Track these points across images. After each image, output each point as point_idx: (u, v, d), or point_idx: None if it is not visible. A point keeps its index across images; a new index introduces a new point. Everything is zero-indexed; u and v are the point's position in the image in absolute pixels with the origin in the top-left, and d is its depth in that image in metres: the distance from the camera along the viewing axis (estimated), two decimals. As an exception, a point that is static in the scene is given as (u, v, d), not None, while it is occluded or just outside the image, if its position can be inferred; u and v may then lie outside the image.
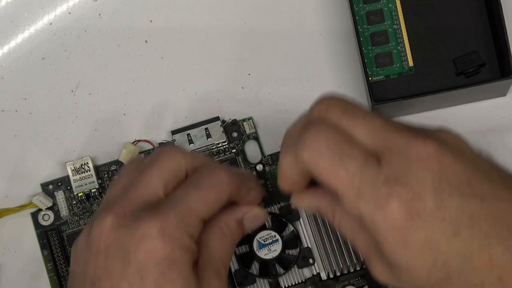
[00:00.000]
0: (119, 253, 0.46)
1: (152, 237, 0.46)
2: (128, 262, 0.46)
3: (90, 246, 0.47)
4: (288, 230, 0.56)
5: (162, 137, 0.61)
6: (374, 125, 0.45)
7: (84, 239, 0.49)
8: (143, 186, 0.48)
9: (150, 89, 0.62)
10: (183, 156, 0.50)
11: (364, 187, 0.43)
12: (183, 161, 0.49)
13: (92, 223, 0.48)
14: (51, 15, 0.63)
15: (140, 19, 0.63)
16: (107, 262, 0.46)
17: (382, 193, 0.43)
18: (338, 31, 0.62)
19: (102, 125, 0.62)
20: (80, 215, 0.60)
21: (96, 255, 0.47)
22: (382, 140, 0.45)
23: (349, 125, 0.45)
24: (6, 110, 0.62)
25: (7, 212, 0.60)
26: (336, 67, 0.62)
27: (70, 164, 0.60)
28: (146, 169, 0.49)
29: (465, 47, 0.60)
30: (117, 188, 0.50)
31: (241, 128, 0.61)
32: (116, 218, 0.47)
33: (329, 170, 0.44)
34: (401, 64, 0.60)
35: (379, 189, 0.43)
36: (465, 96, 0.60)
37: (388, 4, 0.60)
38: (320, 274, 0.56)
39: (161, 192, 0.48)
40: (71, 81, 0.63)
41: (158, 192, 0.48)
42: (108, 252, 0.47)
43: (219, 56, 0.62)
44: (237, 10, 0.63)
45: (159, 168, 0.49)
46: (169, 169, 0.49)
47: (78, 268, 0.48)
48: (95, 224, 0.48)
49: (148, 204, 0.48)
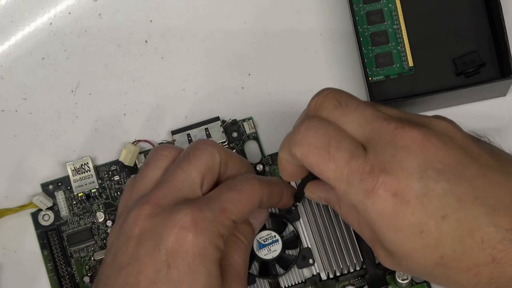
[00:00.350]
0: (150, 239, 0.47)
1: (185, 227, 0.47)
2: (158, 248, 0.47)
3: (123, 234, 0.49)
4: (288, 231, 0.56)
5: (162, 137, 0.61)
6: (364, 116, 0.47)
7: (116, 229, 0.50)
8: (181, 181, 0.49)
9: (150, 89, 0.62)
10: (217, 151, 0.51)
11: (352, 178, 0.45)
12: (217, 156, 0.51)
13: (127, 213, 0.49)
14: (51, 15, 0.63)
15: (140, 19, 0.63)
16: (138, 248, 0.47)
17: (369, 182, 0.44)
18: (338, 31, 0.62)
19: (102, 125, 0.62)
20: (80, 215, 0.60)
21: (127, 242, 0.48)
22: (371, 131, 0.46)
23: (341, 117, 0.47)
24: (6, 110, 0.62)
25: (7, 212, 0.60)
26: (336, 67, 0.62)
27: (70, 164, 0.60)
28: (182, 163, 0.50)
29: (465, 47, 0.60)
30: (150, 180, 0.51)
31: (241, 128, 0.61)
32: (153, 208, 0.48)
33: (319, 164, 0.46)
34: (401, 64, 0.60)
35: (366, 178, 0.45)
36: (465, 96, 0.60)
37: (388, 4, 0.60)
38: (320, 274, 0.56)
39: (198, 188, 0.50)
40: (71, 81, 0.63)
41: (196, 189, 0.50)
42: (140, 239, 0.48)
43: (219, 56, 0.62)
44: (237, 10, 0.63)
45: (195, 164, 0.50)
46: (206, 164, 0.50)
47: (109, 257, 0.49)
48: (131, 212, 0.49)
49: (185, 199, 0.49)
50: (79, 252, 0.60)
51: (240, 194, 0.50)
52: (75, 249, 0.60)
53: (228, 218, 0.49)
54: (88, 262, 0.59)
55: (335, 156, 0.46)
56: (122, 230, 0.49)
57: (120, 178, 0.60)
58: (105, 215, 0.60)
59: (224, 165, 0.52)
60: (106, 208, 0.60)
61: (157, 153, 0.52)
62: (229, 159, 0.52)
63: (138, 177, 0.52)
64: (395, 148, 0.45)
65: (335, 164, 0.46)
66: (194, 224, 0.47)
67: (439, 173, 0.44)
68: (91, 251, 0.59)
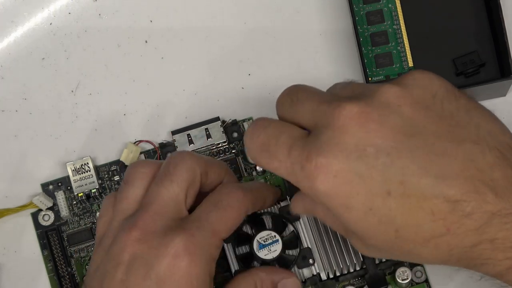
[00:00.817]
0: (141, 267, 0.47)
1: (178, 255, 0.47)
2: (149, 276, 0.46)
3: (110, 258, 0.48)
4: (288, 231, 0.56)
5: (162, 137, 0.61)
6: (313, 104, 0.46)
7: (101, 250, 0.49)
8: (166, 201, 0.49)
9: (150, 89, 0.62)
10: (197, 163, 0.51)
11: (295, 168, 0.45)
12: (197, 169, 0.51)
13: (115, 235, 0.48)
14: (51, 15, 0.63)
15: (140, 19, 0.63)
16: (127, 275, 0.47)
17: (308, 168, 0.44)
18: (338, 31, 0.62)
19: (102, 125, 0.62)
20: (80, 215, 0.60)
21: (116, 267, 0.47)
22: (315, 116, 0.46)
23: (295, 113, 0.47)
24: (6, 110, 0.62)
25: (7, 212, 0.60)
26: (336, 67, 0.62)
27: (70, 164, 0.60)
28: (165, 182, 0.50)
29: (465, 47, 0.60)
30: (132, 200, 0.50)
31: (241, 128, 0.61)
32: (142, 232, 0.48)
33: (268, 164, 0.47)
34: (401, 64, 0.60)
35: (305, 165, 0.44)
36: (465, 96, 0.60)
37: (388, 4, 0.60)
38: (320, 274, 0.56)
39: (183, 204, 0.49)
40: (71, 81, 0.63)
41: (181, 206, 0.49)
42: (129, 266, 0.47)
43: (219, 56, 0.62)
44: (237, 10, 0.63)
45: (178, 180, 0.49)
46: (188, 179, 0.50)
47: (95, 281, 0.48)
48: (118, 236, 0.48)
49: (172, 219, 0.49)
50: (79, 252, 0.60)
51: (227, 211, 0.50)
52: (75, 249, 0.60)
53: (218, 239, 0.49)
54: (88, 262, 0.59)
55: (275, 152, 0.46)
56: (109, 254, 0.48)
57: (120, 178, 0.60)
58: (105, 215, 0.60)
59: (205, 175, 0.51)
60: (106, 208, 0.60)
61: (136, 171, 0.51)
62: (209, 168, 0.52)
63: (119, 197, 0.51)
64: (332, 130, 0.44)
65: (278, 160, 0.46)
66: (187, 251, 0.47)
67: (378, 149, 0.43)
68: (91, 251, 0.59)
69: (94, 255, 0.50)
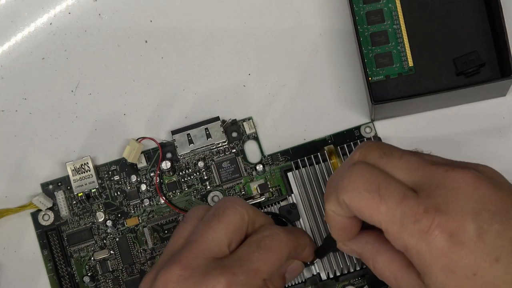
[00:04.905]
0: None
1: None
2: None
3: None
4: (288, 230, 0.56)
5: (162, 137, 0.61)
6: (411, 163, 0.46)
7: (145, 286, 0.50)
8: (210, 240, 0.49)
9: (150, 89, 0.62)
10: (246, 211, 0.51)
11: (406, 219, 0.44)
12: (246, 216, 0.51)
13: (157, 272, 0.49)
14: (51, 15, 0.63)
15: (140, 19, 0.63)
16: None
17: (424, 222, 0.43)
18: (338, 31, 0.62)
19: (102, 125, 0.62)
20: (80, 215, 0.60)
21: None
22: (420, 175, 0.45)
23: (387, 165, 0.46)
24: (6, 110, 0.62)
25: (7, 212, 0.60)
26: (336, 67, 0.62)
27: (70, 164, 0.60)
28: (212, 222, 0.50)
29: (465, 47, 0.60)
30: (181, 237, 0.51)
31: (241, 128, 0.61)
32: (183, 270, 0.48)
33: (370, 207, 0.45)
34: (401, 64, 0.60)
35: (421, 219, 0.43)
36: (465, 96, 0.60)
37: (388, 4, 0.60)
38: (320, 274, 0.56)
39: (226, 247, 0.50)
40: (71, 81, 0.63)
41: (224, 248, 0.49)
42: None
43: (219, 56, 0.62)
44: (237, 10, 0.63)
45: (225, 223, 0.50)
46: (234, 224, 0.50)
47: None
48: (161, 273, 0.48)
49: (214, 258, 0.49)
50: (79, 252, 0.60)
51: (269, 252, 0.50)
52: (75, 249, 0.60)
53: (260, 279, 0.49)
54: (88, 262, 0.59)
55: (386, 197, 0.45)
56: None
57: (120, 178, 0.60)
58: (105, 215, 0.60)
59: (252, 224, 0.51)
60: (106, 208, 0.60)
61: (193, 211, 0.53)
62: (256, 218, 0.52)
63: (174, 233, 0.52)
64: (448, 190, 0.44)
65: (387, 206, 0.44)
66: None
67: (492, 215, 0.43)
68: (91, 251, 0.59)
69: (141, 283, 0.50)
